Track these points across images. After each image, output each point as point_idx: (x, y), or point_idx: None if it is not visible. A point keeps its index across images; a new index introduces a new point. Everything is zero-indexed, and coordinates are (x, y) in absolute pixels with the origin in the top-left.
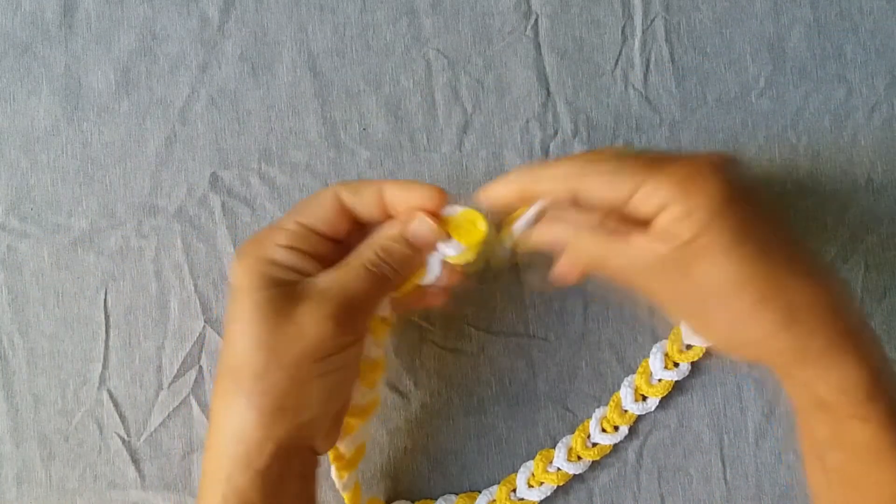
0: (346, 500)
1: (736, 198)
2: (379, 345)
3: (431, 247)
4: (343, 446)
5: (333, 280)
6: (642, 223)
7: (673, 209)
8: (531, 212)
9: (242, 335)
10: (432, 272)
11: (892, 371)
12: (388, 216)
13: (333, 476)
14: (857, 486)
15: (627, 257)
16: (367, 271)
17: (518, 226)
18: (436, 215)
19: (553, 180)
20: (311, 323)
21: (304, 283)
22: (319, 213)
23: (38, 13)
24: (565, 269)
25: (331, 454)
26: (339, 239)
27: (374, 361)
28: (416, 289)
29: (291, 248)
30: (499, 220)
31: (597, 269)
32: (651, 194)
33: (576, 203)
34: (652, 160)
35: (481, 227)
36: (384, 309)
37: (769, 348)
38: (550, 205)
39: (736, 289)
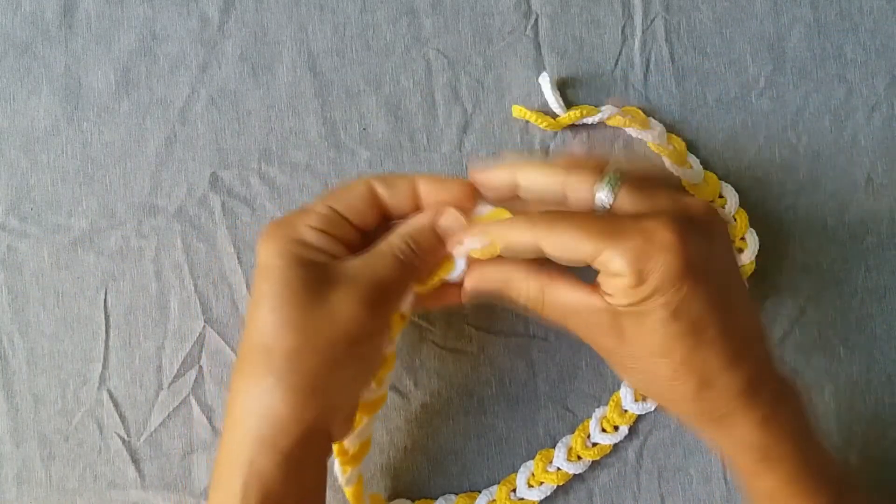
0: (348, 496)
1: (686, 274)
2: (391, 341)
3: (458, 241)
4: (348, 441)
5: (364, 265)
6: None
7: (623, 280)
8: (460, 264)
9: (273, 314)
10: (458, 268)
11: (805, 424)
12: (418, 211)
13: (337, 471)
14: None
15: (564, 304)
16: (396, 259)
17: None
18: (466, 212)
19: (517, 233)
20: (345, 307)
21: (335, 266)
22: (351, 201)
23: (38, 13)
24: (480, 284)
25: (335, 448)
26: (365, 230)
27: (384, 357)
28: (439, 286)
29: (322, 231)
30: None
31: (533, 308)
32: (605, 264)
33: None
34: (613, 225)
35: None
36: (404, 305)
37: (680, 409)
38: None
39: (658, 357)
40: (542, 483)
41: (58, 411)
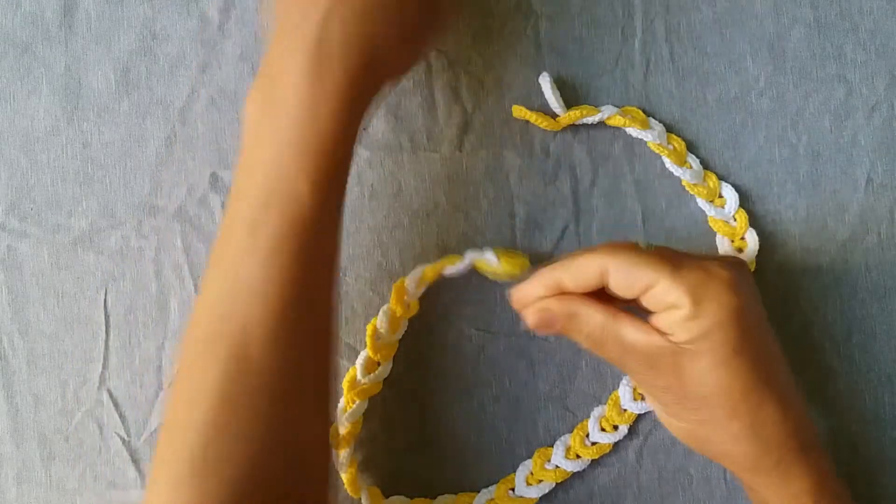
0: (344, 482)
1: (740, 313)
2: (394, 330)
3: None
4: (340, 422)
5: None
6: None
7: (681, 311)
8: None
9: None
10: (460, 266)
11: (836, 481)
12: None
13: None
14: None
15: (625, 341)
16: None
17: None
18: None
19: (578, 274)
20: None
21: None
22: None
23: (38, 13)
24: (544, 318)
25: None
26: None
27: (385, 344)
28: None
29: None
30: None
31: (593, 343)
32: (664, 293)
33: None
34: (671, 258)
35: (519, 267)
36: (413, 295)
37: (729, 453)
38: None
39: (715, 395)
40: (540, 481)
41: (58, 411)
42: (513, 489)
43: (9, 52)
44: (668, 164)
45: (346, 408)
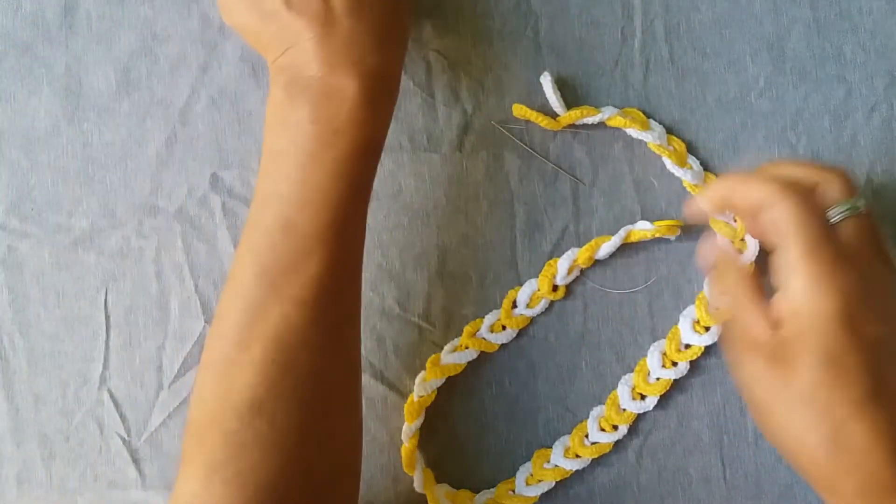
0: (403, 453)
1: (848, 310)
2: (532, 305)
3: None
4: (417, 391)
5: None
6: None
7: (794, 295)
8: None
9: None
10: (615, 240)
11: None
12: None
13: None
14: None
15: (744, 313)
16: None
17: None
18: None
19: (749, 187)
20: None
21: None
22: None
23: (39, 13)
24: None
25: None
26: None
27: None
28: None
29: None
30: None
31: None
32: (788, 262)
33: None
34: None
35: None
36: (563, 279)
37: (860, 466)
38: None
39: (820, 402)
40: (539, 481)
41: (58, 411)
42: (513, 490)
43: (9, 53)
44: (669, 164)
45: (428, 377)
